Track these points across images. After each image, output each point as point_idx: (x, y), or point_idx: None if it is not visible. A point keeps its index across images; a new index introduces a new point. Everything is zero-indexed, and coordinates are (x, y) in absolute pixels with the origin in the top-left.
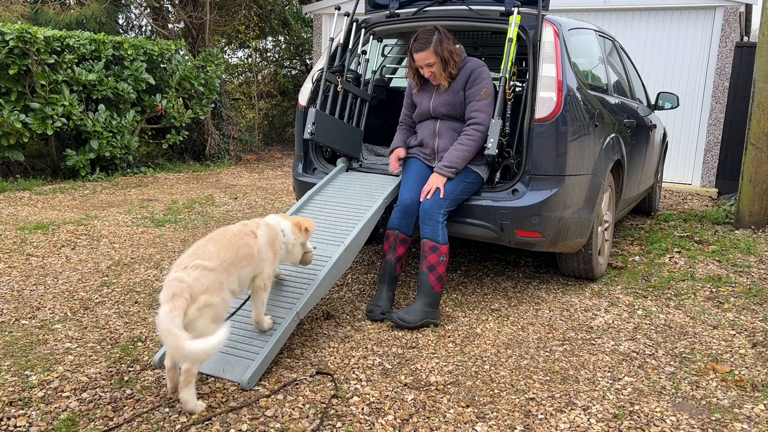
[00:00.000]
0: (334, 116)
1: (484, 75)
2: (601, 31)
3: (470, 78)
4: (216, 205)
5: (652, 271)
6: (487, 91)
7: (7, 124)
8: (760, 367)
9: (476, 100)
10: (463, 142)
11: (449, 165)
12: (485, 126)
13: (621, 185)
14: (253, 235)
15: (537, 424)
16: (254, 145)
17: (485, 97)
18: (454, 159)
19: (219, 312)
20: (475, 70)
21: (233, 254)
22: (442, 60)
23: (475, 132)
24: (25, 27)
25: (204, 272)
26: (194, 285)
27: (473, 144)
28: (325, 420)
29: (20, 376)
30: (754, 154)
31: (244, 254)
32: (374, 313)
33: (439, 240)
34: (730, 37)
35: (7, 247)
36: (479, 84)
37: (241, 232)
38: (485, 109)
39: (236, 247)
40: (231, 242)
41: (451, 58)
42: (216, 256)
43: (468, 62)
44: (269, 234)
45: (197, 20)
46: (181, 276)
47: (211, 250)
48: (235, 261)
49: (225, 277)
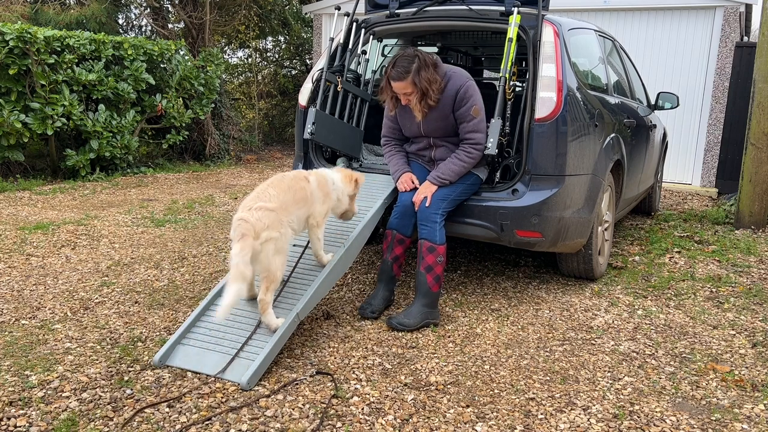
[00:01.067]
0: (334, 116)
1: (470, 92)
2: (601, 31)
3: (457, 98)
4: (216, 205)
5: (652, 271)
6: (477, 108)
7: (7, 124)
8: (760, 367)
9: (467, 121)
10: (462, 158)
11: (443, 177)
12: (482, 144)
13: (621, 185)
14: (306, 181)
15: (537, 424)
16: (254, 145)
17: (476, 115)
18: (449, 172)
19: (280, 245)
20: (461, 89)
21: (291, 197)
22: (420, 90)
23: (474, 151)
24: (25, 27)
25: (266, 212)
26: (257, 224)
27: (471, 161)
28: (325, 420)
29: (20, 376)
30: (754, 154)
31: (300, 197)
32: (365, 311)
33: (437, 241)
34: (730, 37)
35: (7, 247)
36: (467, 104)
37: (296, 177)
38: (479, 128)
39: (293, 191)
40: (288, 186)
41: (429, 88)
42: (276, 198)
43: (451, 79)
44: (320, 180)
45: (197, 20)
46: (246, 216)
47: (271, 194)
48: (293, 202)
49: (285, 215)
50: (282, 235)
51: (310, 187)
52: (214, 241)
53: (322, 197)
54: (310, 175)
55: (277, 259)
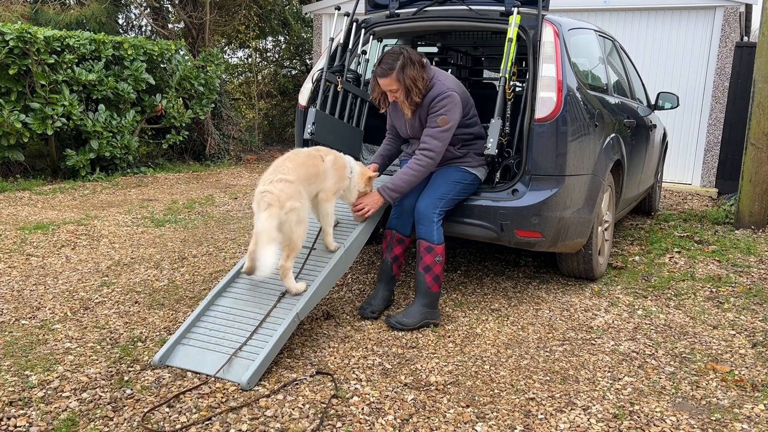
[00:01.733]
0: (334, 116)
1: (446, 102)
2: (601, 31)
3: (432, 102)
4: (216, 205)
5: (652, 271)
6: (445, 118)
7: (7, 124)
8: (760, 367)
9: (431, 126)
10: (412, 167)
11: (393, 189)
12: (435, 153)
13: (621, 185)
14: (321, 159)
15: (537, 424)
16: (254, 145)
17: (441, 124)
18: (399, 183)
19: (302, 215)
20: (439, 96)
21: (305, 171)
22: (404, 87)
23: (425, 158)
24: (25, 27)
25: (287, 184)
26: (281, 194)
27: (422, 170)
28: (325, 420)
29: (20, 376)
30: (754, 154)
31: (312, 173)
32: (365, 311)
33: (434, 240)
34: (730, 37)
35: (7, 247)
36: (438, 111)
37: (311, 154)
38: (438, 136)
39: (307, 166)
40: (304, 161)
41: (414, 86)
42: (293, 171)
43: (432, 87)
44: (338, 162)
45: (197, 20)
46: (269, 188)
47: (289, 167)
48: (308, 176)
49: (303, 187)
50: (303, 206)
51: (323, 166)
52: (214, 241)
53: (336, 177)
54: (327, 155)
55: (299, 228)
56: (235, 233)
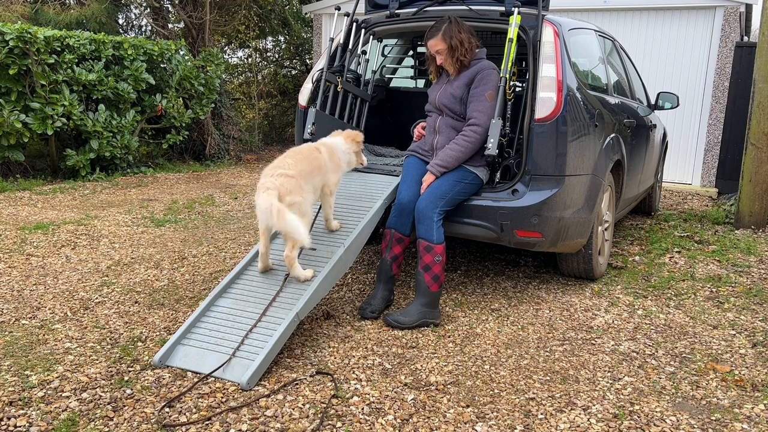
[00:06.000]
0: (334, 116)
1: (492, 77)
2: (601, 31)
3: (476, 77)
4: (216, 205)
5: (652, 271)
6: (492, 93)
7: (7, 124)
8: (760, 367)
9: (478, 100)
10: (459, 143)
11: (441, 164)
12: (483, 128)
13: (621, 185)
14: (318, 151)
15: (537, 424)
16: (254, 145)
17: (489, 99)
18: (447, 158)
19: (303, 209)
20: (483, 71)
21: (307, 165)
22: (450, 47)
23: (473, 133)
24: (25, 27)
25: (287, 179)
26: (281, 188)
27: (468, 145)
28: (325, 420)
29: (20, 376)
30: (754, 154)
31: (316, 165)
32: (365, 311)
33: (434, 240)
34: (730, 37)
35: (7, 247)
36: (484, 85)
37: (310, 148)
38: (486, 111)
39: (309, 160)
40: (305, 156)
41: (460, 45)
42: (294, 166)
43: (480, 62)
44: (330, 151)
45: (197, 20)
46: (270, 180)
47: (289, 162)
48: (310, 171)
49: (304, 182)
50: (304, 199)
51: (323, 158)
52: (214, 241)
53: (333, 168)
54: (320, 147)
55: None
56: (235, 233)
